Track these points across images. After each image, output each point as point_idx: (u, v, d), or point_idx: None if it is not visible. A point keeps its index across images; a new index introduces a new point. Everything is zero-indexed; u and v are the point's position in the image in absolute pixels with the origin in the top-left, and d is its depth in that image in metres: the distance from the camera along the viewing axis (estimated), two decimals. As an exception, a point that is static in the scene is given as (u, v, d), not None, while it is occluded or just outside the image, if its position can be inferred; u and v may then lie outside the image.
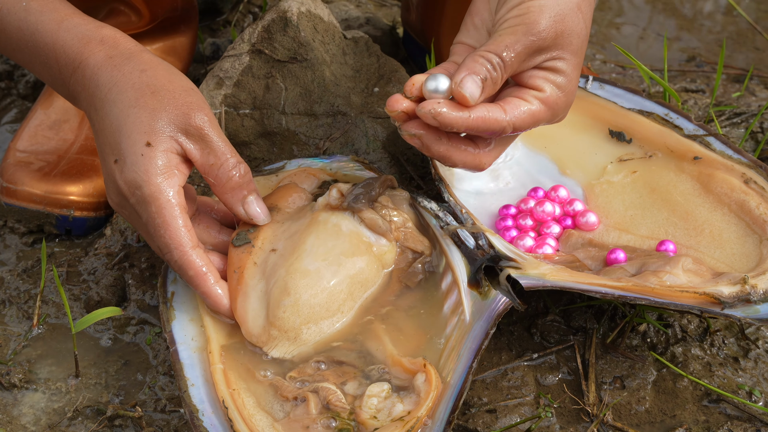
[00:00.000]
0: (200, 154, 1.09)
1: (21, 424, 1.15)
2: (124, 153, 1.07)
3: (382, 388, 1.06)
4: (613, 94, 1.31)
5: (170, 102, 1.08)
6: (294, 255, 1.12)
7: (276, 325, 1.09)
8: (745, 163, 1.23)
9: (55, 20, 1.11)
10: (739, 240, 1.19)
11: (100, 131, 1.10)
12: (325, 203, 1.17)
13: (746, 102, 1.56)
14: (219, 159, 1.09)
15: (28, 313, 1.26)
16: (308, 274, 1.11)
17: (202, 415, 1.05)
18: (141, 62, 1.10)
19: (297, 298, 1.10)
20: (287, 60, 1.28)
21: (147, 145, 1.07)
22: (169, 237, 1.07)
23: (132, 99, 1.08)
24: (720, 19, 1.78)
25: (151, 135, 1.07)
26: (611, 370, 1.18)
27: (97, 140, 1.11)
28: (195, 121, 1.08)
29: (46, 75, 1.14)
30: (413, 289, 1.16)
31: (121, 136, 1.08)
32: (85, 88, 1.10)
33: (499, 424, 1.13)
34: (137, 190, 1.07)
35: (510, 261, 1.12)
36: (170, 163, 1.07)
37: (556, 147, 1.30)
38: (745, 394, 1.16)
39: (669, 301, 1.08)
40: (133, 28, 1.42)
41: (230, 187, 1.11)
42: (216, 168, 1.10)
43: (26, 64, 1.15)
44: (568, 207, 1.25)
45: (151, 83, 1.09)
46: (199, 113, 1.08)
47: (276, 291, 1.10)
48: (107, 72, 1.09)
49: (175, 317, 1.13)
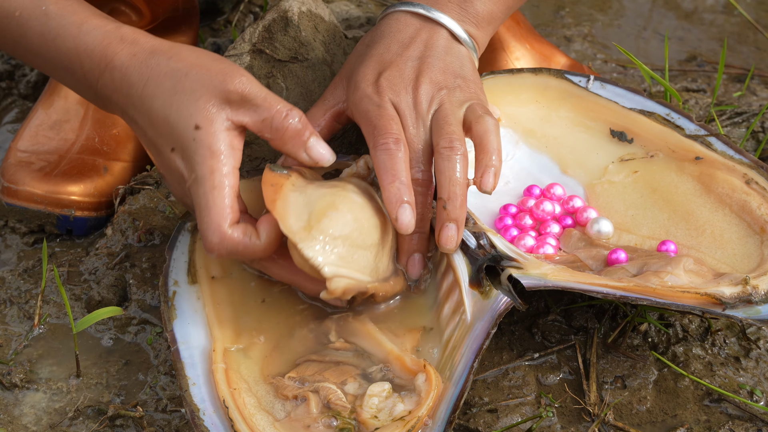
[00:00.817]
0: (249, 116, 1.08)
1: (22, 424, 1.15)
2: (177, 140, 1.06)
3: (383, 387, 1.06)
4: (615, 93, 1.31)
5: (205, 78, 1.07)
6: (336, 188, 1.11)
7: (318, 228, 1.07)
8: (747, 164, 1.23)
9: (76, 24, 1.10)
10: (740, 240, 1.19)
11: (148, 127, 1.09)
12: (353, 172, 1.17)
13: (747, 101, 1.56)
14: (269, 112, 1.08)
15: (29, 313, 1.26)
16: (354, 201, 1.10)
17: (203, 414, 1.05)
18: (165, 52, 1.09)
19: (343, 214, 1.08)
20: (288, 60, 1.28)
21: (196, 129, 1.06)
22: (210, 218, 1.05)
23: (170, 88, 1.07)
24: (721, 18, 1.78)
25: (197, 118, 1.06)
26: (612, 370, 1.18)
27: (144, 137, 1.10)
28: (233, 87, 1.07)
29: (69, 80, 1.13)
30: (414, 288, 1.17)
31: (171, 126, 1.07)
32: (118, 90, 1.09)
33: (500, 424, 1.13)
34: (192, 173, 1.06)
35: (511, 261, 1.12)
36: (221, 143, 1.06)
37: (557, 147, 1.30)
38: (746, 394, 1.16)
39: (670, 302, 1.08)
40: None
41: (288, 136, 1.08)
42: (269, 123, 1.08)
43: (47, 69, 1.14)
44: (568, 204, 1.25)
45: (181, 68, 1.08)
46: (234, 77, 1.07)
47: (322, 203, 1.09)
48: (136, 69, 1.08)
49: (176, 317, 1.13)
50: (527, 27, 1.53)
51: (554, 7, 1.77)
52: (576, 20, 1.76)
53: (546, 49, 1.51)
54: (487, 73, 1.32)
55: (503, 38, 1.48)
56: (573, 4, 1.79)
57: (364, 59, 1.18)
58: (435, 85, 1.15)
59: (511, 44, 1.48)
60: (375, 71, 1.16)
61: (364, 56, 1.18)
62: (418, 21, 1.19)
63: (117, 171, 1.40)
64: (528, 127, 1.31)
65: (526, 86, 1.32)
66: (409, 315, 1.15)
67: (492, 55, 1.48)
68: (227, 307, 1.15)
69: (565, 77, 1.32)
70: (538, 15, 1.76)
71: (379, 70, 1.16)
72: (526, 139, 1.31)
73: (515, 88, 1.32)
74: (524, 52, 1.49)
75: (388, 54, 1.17)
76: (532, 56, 1.49)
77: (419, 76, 1.16)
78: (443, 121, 1.13)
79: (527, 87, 1.32)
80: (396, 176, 1.09)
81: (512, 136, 1.31)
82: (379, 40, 1.19)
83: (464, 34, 1.19)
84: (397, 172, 1.09)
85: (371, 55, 1.18)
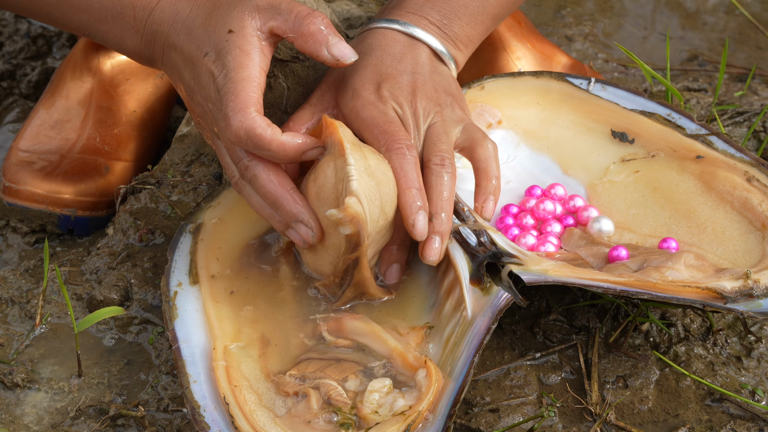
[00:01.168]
0: (277, 19, 1.11)
1: (24, 423, 1.15)
2: (212, 44, 1.11)
3: (383, 383, 1.07)
4: (616, 95, 1.31)
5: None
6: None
7: (366, 158, 1.10)
8: (748, 162, 1.23)
9: None
10: (741, 237, 1.19)
11: (186, 44, 1.13)
12: None
13: (748, 101, 1.56)
14: (292, 12, 1.11)
15: (30, 313, 1.26)
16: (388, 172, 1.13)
17: (204, 411, 1.05)
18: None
19: (387, 171, 1.11)
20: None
21: (229, 32, 1.10)
22: (237, 102, 1.08)
23: (210, 6, 1.12)
24: (722, 17, 1.78)
25: (231, 24, 1.10)
26: (614, 370, 1.18)
27: (181, 57, 1.13)
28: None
29: (115, 28, 1.16)
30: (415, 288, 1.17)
31: (207, 32, 1.11)
32: (165, 21, 1.13)
33: (501, 424, 1.13)
34: (223, 69, 1.10)
35: (512, 257, 1.12)
36: (252, 45, 1.10)
37: (559, 148, 1.31)
38: (748, 394, 1.16)
39: (671, 296, 1.08)
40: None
41: (309, 32, 1.11)
42: (291, 21, 1.11)
43: (90, 24, 1.18)
44: (569, 204, 1.25)
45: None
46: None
47: (376, 154, 1.13)
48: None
49: (177, 316, 1.13)
50: (528, 26, 1.53)
51: (555, 7, 1.77)
52: (577, 20, 1.76)
53: (547, 49, 1.51)
54: (488, 77, 1.32)
55: (504, 38, 1.48)
56: (574, 3, 1.79)
57: (359, 69, 1.20)
58: (430, 101, 1.18)
59: (512, 44, 1.48)
60: (374, 81, 1.18)
61: (357, 66, 1.20)
62: (404, 38, 1.22)
63: (118, 170, 1.40)
64: (529, 129, 1.31)
65: (527, 89, 1.32)
66: (410, 313, 1.15)
67: (493, 55, 1.48)
68: (227, 305, 1.15)
69: (566, 80, 1.32)
70: (540, 14, 1.76)
71: (377, 81, 1.18)
72: (527, 140, 1.31)
73: (516, 91, 1.32)
74: (525, 52, 1.49)
75: (382, 66, 1.19)
76: (533, 56, 1.49)
77: (415, 90, 1.18)
78: (437, 138, 1.16)
79: (528, 90, 1.32)
80: (413, 182, 1.12)
81: (513, 138, 1.31)
82: (370, 53, 1.21)
83: (446, 52, 1.23)
84: (413, 177, 1.12)
85: (365, 66, 1.20)
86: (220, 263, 1.19)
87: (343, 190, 1.07)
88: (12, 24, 1.73)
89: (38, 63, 1.68)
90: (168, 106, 1.50)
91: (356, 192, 1.07)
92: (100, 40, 1.19)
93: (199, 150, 1.38)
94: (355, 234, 1.08)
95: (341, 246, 1.10)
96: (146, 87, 1.47)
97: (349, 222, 1.07)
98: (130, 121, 1.45)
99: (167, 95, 1.49)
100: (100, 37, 1.18)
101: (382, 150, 1.13)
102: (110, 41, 1.18)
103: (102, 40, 1.18)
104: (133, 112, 1.46)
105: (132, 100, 1.46)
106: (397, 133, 1.14)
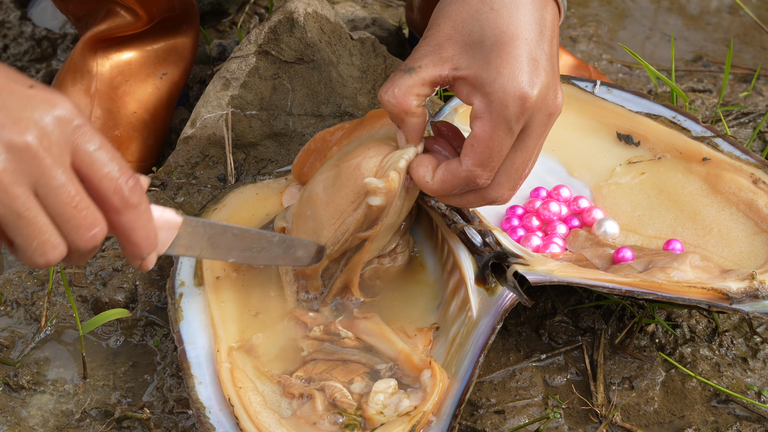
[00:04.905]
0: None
1: (29, 425, 1.15)
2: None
3: (388, 384, 1.07)
4: (621, 98, 1.31)
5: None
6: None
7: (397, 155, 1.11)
8: (753, 164, 1.23)
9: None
10: (747, 239, 1.19)
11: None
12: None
13: (753, 102, 1.56)
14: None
15: (35, 315, 1.26)
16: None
17: (209, 412, 1.05)
18: None
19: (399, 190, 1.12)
20: (294, 61, 1.28)
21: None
22: None
23: None
24: (726, 18, 1.78)
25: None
26: (620, 371, 1.18)
27: None
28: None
29: None
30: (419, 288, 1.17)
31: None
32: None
33: (507, 425, 1.13)
34: None
35: (517, 258, 1.12)
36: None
37: (565, 150, 1.31)
38: (753, 395, 1.16)
39: (677, 296, 1.08)
40: (132, 28, 1.42)
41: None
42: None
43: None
44: (574, 205, 1.25)
45: None
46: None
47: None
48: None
49: (183, 318, 1.14)
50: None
51: (560, 9, 1.77)
52: (581, 21, 1.76)
53: (551, 50, 1.51)
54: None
55: (509, 39, 1.48)
56: (579, 4, 1.79)
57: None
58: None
59: (516, 45, 1.48)
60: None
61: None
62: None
63: (121, 172, 1.40)
64: (534, 130, 1.31)
65: (533, 91, 1.32)
66: (416, 314, 1.15)
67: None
68: (232, 306, 1.15)
69: (571, 82, 1.32)
70: (544, 16, 1.76)
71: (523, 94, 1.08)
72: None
73: (522, 93, 1.32)
74: (530, 53, 1.48)
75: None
76: (538, 57, 1.48)
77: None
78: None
79: (534, 92, 1.32)
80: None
81: (518, 139, 1.31)
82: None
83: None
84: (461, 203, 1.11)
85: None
86: (225, 265, 1.19)
87: (388, 166, 1.08)
88: (16, 26, 1.73)
89: (42, 65, 1.69)
90: (169, 107, 1.50)
91: (402, 171, 1.08)
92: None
93: (204, 152, 1.38)
94: (380, 208, 1.08)
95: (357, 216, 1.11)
96: (146, 88, 1.47)
97: (385, 193, 1.08)
98: (131, 122, 1.45)
99: (168, 96, 1.49)
100: None
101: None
102: None
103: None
104: (134, 113, 1.45)
105: (132, 101, 1.46)
106: (490, 162, 1.03)
